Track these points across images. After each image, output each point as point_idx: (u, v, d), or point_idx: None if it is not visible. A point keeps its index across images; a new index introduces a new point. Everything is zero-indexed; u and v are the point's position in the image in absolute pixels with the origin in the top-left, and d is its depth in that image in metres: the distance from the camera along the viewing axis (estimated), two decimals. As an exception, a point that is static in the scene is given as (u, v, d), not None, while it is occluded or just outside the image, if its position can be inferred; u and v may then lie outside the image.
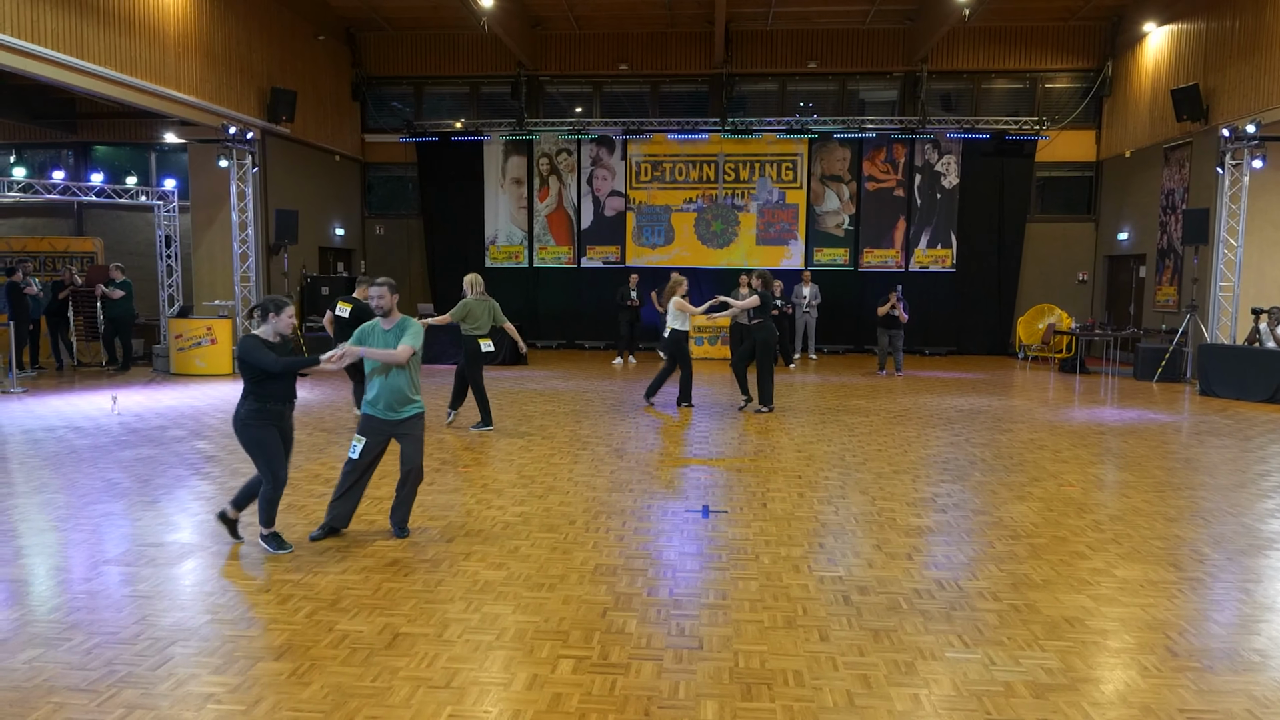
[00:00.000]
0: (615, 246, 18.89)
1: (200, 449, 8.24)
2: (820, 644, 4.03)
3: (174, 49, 13.02)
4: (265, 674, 3.69)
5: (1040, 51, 17.98)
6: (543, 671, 3.73)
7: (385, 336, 5.48)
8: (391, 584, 4.73)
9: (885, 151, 18.25)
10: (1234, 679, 3.74)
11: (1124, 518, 6.19)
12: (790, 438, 9.03)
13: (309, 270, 17.00)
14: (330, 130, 18.02)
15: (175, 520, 5.93)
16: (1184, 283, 14.85)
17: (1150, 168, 16.18)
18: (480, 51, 18.58)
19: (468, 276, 9.48)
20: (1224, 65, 13.96)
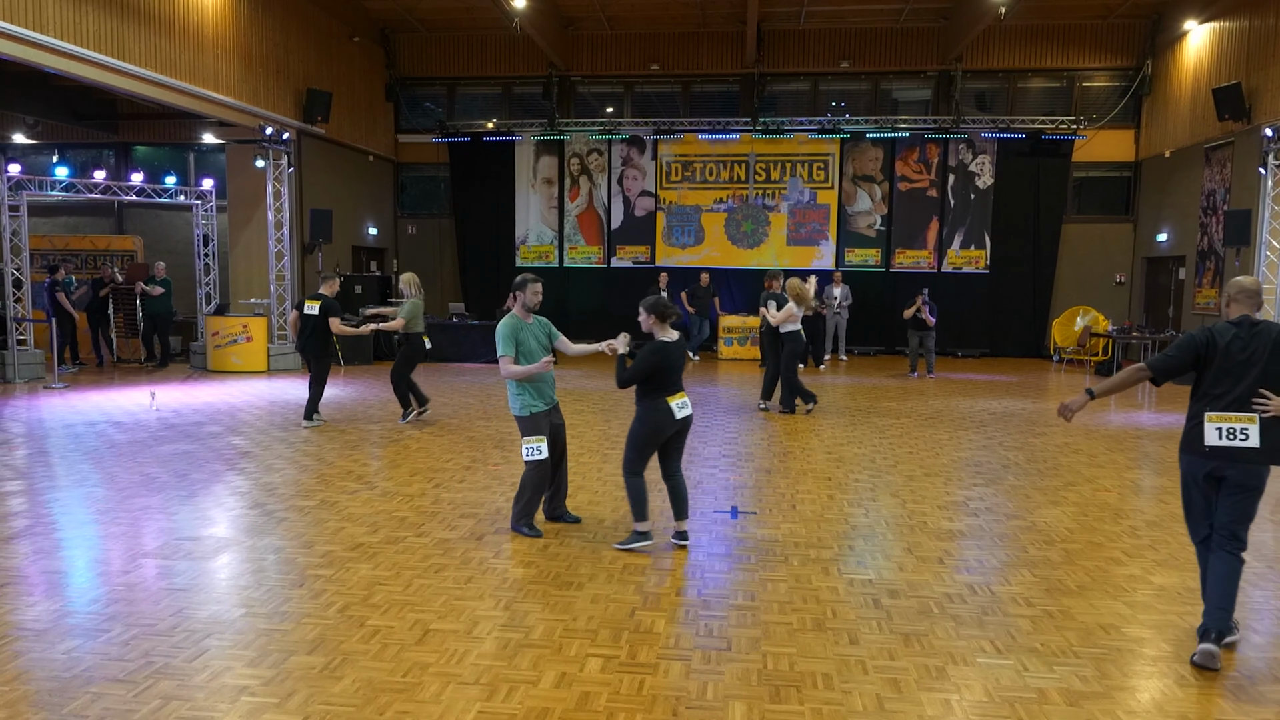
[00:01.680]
0: (645, 246, 18.89)
1: (236, 445, 8.37)
2: (850, 647, 4.01)
3: (213, 51, 13.23)
4: (298, 668, 3.74)
5: (1078, 50, 17.70)
6: (571, 670, 3.75)
7: (534, 329, 5.63)
8: (422, 581, 4.77)
9: (918, 151, 18.07)
10: (1272, 689, 3.66)
11: (1161, 524, 6.09)
12: (820, 439, 8.97)
13: (342, 269, 17.18)
14: (364, 131, 18.21)
15: (211, 514, 6.03)
16: (1225, 285, 14.54)
17: (1191, 168, 15.87)
18: (512, 52, 18.68)
19: (405, 276, 9.69)
20: (1267, 64, 13.65)
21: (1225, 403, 3.89)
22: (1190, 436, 4.01)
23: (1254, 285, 4.05)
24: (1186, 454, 4.04)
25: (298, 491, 6.64)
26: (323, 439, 8.72)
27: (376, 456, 8.00)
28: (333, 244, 16.22)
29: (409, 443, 8.58)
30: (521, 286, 5.60)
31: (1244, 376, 3.88)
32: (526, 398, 5.50)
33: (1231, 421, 3.87)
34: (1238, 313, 4.03)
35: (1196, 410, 4.00)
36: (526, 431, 5.53)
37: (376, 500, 6.42)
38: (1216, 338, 3.96)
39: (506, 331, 5.49)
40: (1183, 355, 4.02)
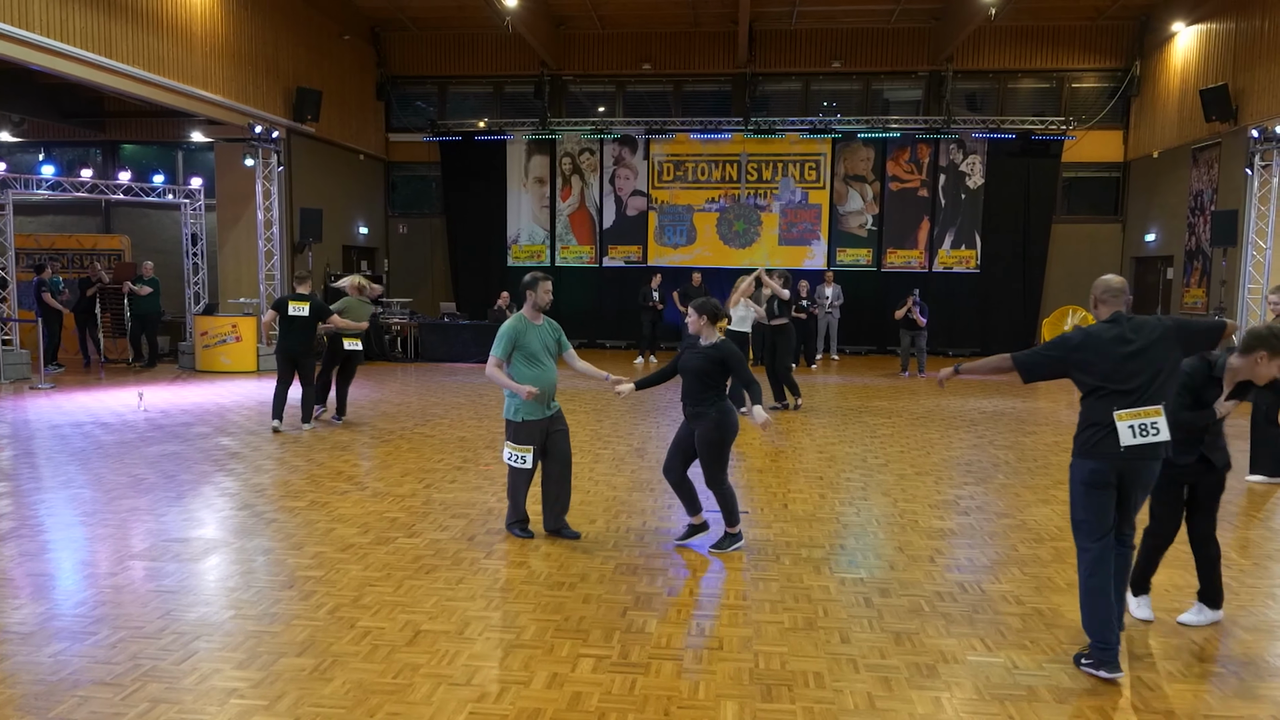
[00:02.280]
0: (637, 246, 18.89)
1: (224, 445, 8.33)
2: (841, 646, 4.01)
3: (201, 48, 13.16)
4: (288, 669, 3.72)
5: (1067, 51, 17.78)
6: (563, 670, 3.74)
7: (543, 332, 5.45)
8: (413, 581, 4.75)
9: (909, 151, 18.12)
10: (1259, 685, 3.68)
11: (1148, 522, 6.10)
12: (812, 439, 8.99)
13: (333, 268, 17.12)
14: (355, 129, 18.15)
15: (200, 516, 6.00)
16: (1212, 285, 14.64)
17: (1178, 168, 15.96)
18: (504, 51, 18.64)
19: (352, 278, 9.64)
20: (1253, 65, 13.74)
21: (1132, 399, 3.73)
22: (1097, 440, 3.78)
23: (1120, 284, 3.95)
24: (1093, 459, 3.79)
25: (287, 492, 6.62)
26: (313, 439, 8.69)
27: (367, 457, 7.97)
28: (323, 243, 16.16)
29: (399, 443, 8.55)
30: (533, 285, 5.37)
31: (1140, 370, 3.75)
32: (520, 401, 5.30)
33: (1142, 417, 3.72)
34: (1109, 312, 3.91)
35: (1099, 412, 3.78)
36: (514, 438, 5.34)
37: (367, 501, 6.40)
38: (1092, 338, 3.82)
39: (507, 333, 5.30)
40: (1052, 355, 3.88)
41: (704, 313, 5.17)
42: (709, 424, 5.12)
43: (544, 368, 5.35)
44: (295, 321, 8.99)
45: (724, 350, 5.11)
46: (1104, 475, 3.78)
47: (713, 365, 5.11)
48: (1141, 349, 3.79)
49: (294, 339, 9.06)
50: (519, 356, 5.32)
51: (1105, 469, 3.77)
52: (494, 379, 5.32)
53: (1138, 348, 3.78)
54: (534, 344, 5.33)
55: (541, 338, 5.39)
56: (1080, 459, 3.85)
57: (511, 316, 5.45)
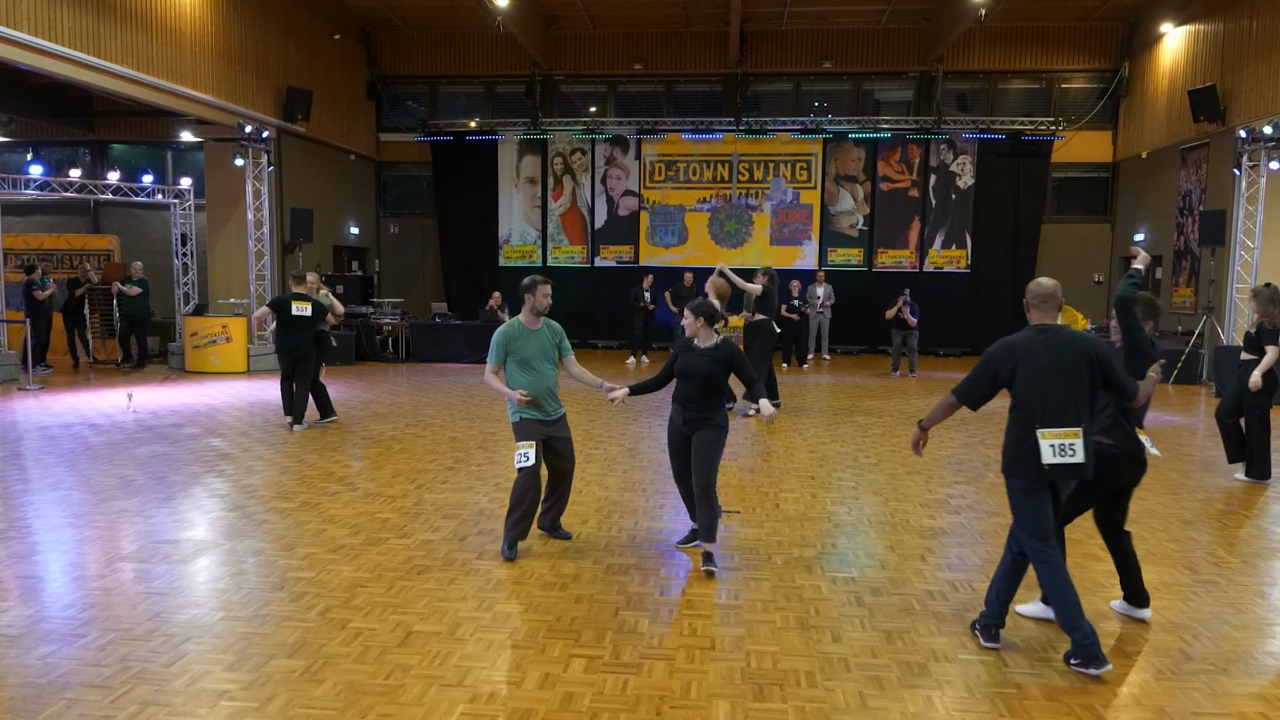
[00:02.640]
0: (629, 246, 18.89)
1: (215, 446, 8.30)
2: (833, 645, 4.02)
3: (190, 48, 13.11)
4: (278, 671, 3.71)
5: (1056, 52, 17.86)
6: (554, 670, 3.74)
7: (542, 336, 5.25)
8: (404, 582, 4.74)
9: (900, 152, 18.17)
10: (1248, 682, 3.71)
11: (1139, 520, 6.14)
12: (803, 438, 9.00)
13: (324, 269, 17.07)
14: (345, 129, 18.10)
15: (190, 517, 5.97)
16: (1200, 284, 14.72)
17: (1167, 169, 16.05)
18: (495, 51, 18.62)
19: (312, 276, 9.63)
20: (1241, 66, 13.83)
21: (1053, 416, 3.74)
22: (1023, 456, 3.80)
23: (1053, 288, 3.91)
24: (1018, 476, 3.84)
25: (278, 493, 6.59)
26: (304, 440, 8.66)
27: (358, 458, 7.95)
28: (313, 243, 16.11)
29: (391, 444, 8.53)
30: (531, 289, 5.18)
31: (1063, 388, 3.75)
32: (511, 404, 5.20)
33: (1061, 438, 3.72)
34: (1039, 319, 3.90)
35: (1023, 429, 3.81)
36: (516, 437, 5.20)
37: (358, 502, 6.38)
38: (1018, 350, 3.82)
39: (499, 340, 5.15)
40: (981, 377, 3.87)
41: (700, 315, 5.01)
42: (715, 429, 4.94)
43: (538, 374, 5.16)
44: (298, 321, 9.04)
45: (728, 350, 4.99)
46: (1032, 485, 3.84)
47: (719, 367, 4.93)
48: (1064, 367, 3.78)
49: (298, 339, 9.09)
50: (513, 362, 5.17)
51: (1030, 481, 3.84)
52: (490, 385, 5.23)
53: (1062, 364, 3.78)
54: (528, 349, 5.15)
55: (539, 343, 5.20)
56: (1009, 475, 3.92)
57: (506, 322, 5.31)
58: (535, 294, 5.19)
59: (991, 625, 4.03)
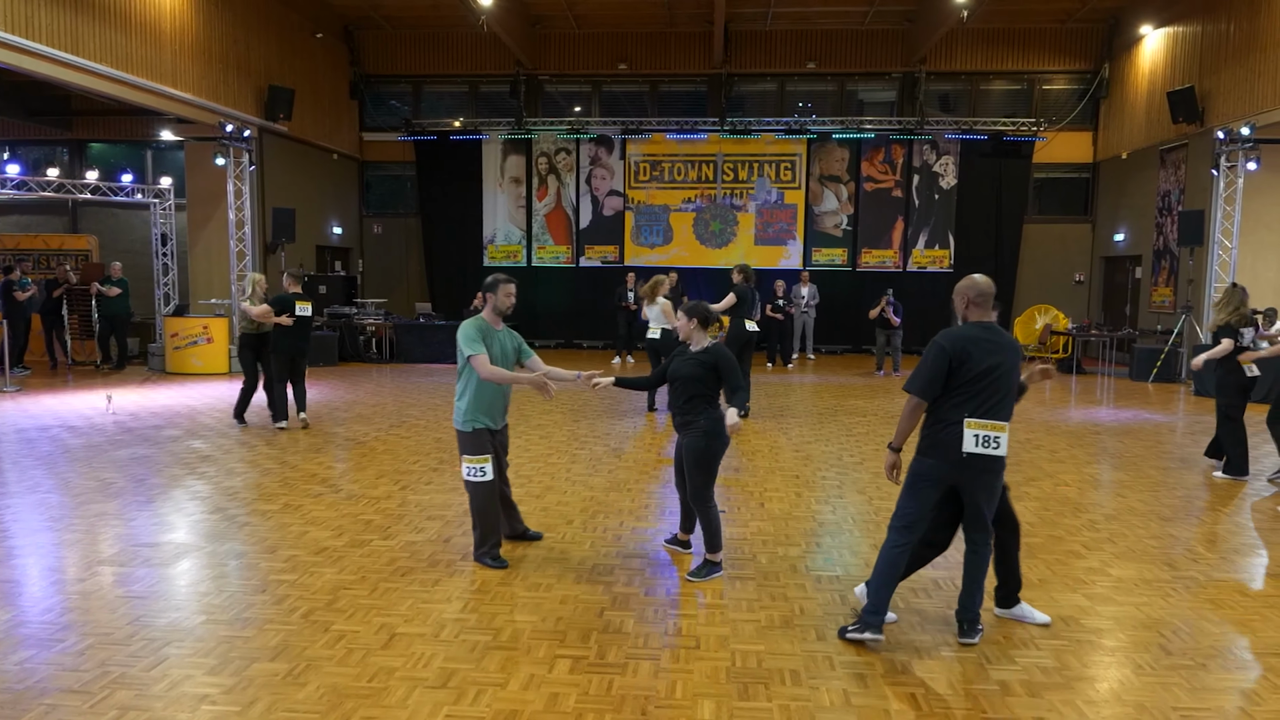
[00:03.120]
0: (614, 246, 18.88)
1: (196, 448, 8.23)
2: (817, 643, 4.04)
3: (170, 46, 12.99)
4: (260, 675, 3.68)
5: (1038, 53, 17.99)
6: (539, 671, 3.73)
7: (503, 338, 5.10)
8: (388, 584, 4.72)
9: (883, 152, 18.25)
10: (1227, 678, 3.75)
11: (1119, 517, 6.21)
12: (788, 438, 9.03)
13: (306, 269, 16.97)
14: (328, 128, 17.99)
15: (170, 520, 5.92)
16: (1179, 284, 14.88)
17: (1146, 169, 16.20)
18: (479, 50, 18.57)
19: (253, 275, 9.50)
20: (1219, 68, 13.98)
21: (985, 410, 3.84)
22: (940, 440, 3.89)
23: (989, 286, 3.99)
24: (931, 459, 3.92)
25: (260, 495, 6.55)
26: (286, 442, 8.60)
27: (341, 459, 7.90)
28: (296, 243, 16.00)
29: (374, 445, 8.49)
30: (493, 287, 5.02)
31: (998, 385, 3.86)
32: (474, 410, 4.94)
33: (988, 429, 3.83)
34: (978, 317, 3.96)
35: (950, 414, 3.88)
36: (468, 449, 4.92)
37: (341, 504, 6.35)
38: (967, 344, 3.87)
39: (471, 332, 4.89)
40: (938, 366, 3.88)
41: (693, 316, 4.89)
42: (697, 434, 4.81)
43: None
44: (299, 321, 9.05)
45: (716, 355, 4.83)
46: (935, 474, 3.93)
47: (705, 371, 4.80)
48: (1001, 364, 3.89)
49: (297, 338, 9.09)
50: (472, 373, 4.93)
51: (936, 469, 3.91)
52: (499, 377, 4.85)
53: (999, 362, 3.88)
54: (495, 349, 4.96)
55: (502, 345, 5.04)
56: (922, 456, 3.97)
57: (470, 319, 5.02)
58: (498, 293, 5.02)
59: (966, 620, 4.05)
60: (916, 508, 4.02)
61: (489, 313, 5.08)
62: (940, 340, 3.94)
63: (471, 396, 4.95)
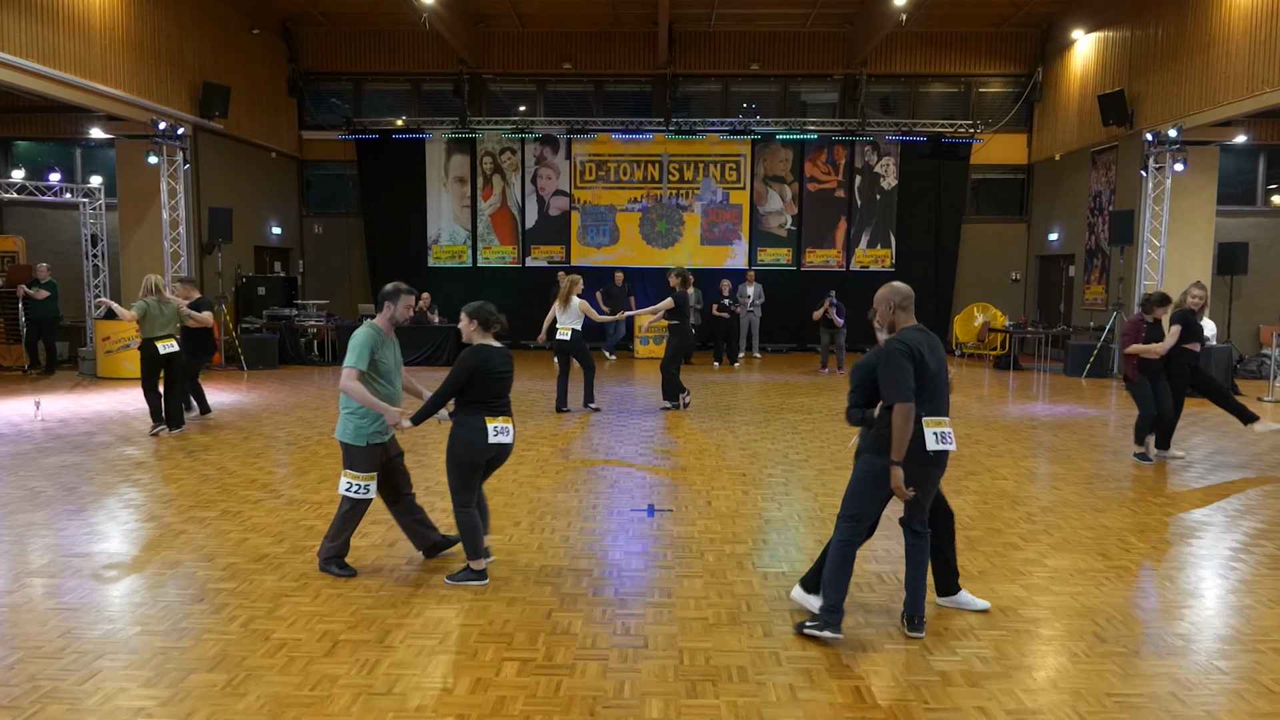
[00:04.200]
0: (560, 246, 18.81)
1: (129, 455, 7.98)
2: (764, 639, 4.07)
3: (100, 41, 12.58)
4: (198, 686, 3.58)
5: (974, 57, 18.42)
6: (486, 675, 3.70)
7: (393, 346, 4.96)
8: (331, 590, 4.64)
9: (826, 153, 18.51)
10: (1159, 663, 3.88)
11: (1055, 509, 6.39)
12: (735, 436, 9.10)
13: (244, 270, 16.58)
14: (266, 126, 17.59)
15: (103, 529, 5.73)
16: (1111, 282, 15.36)
17: (1079, 170, 16.70)
18: (421, 48, 18.34)
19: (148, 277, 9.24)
20: (1147, 72, 14.48)
21: (937, 408, 4.04)
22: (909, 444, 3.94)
23: (911, 290, 4.25)
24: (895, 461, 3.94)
25: (197, 502, 6.38)
26: (223, 446, 8.39)
27: (282, 464, 7.74)
28: (233, 244, 15.62)
29: (316, 449, 8.33)
30: (394, 297, 4.81)
31: (940, 382, 4.08)
32: (366, 422, 4.75)
33: (943, 426, 4.05)
34: (906, 321, 4.16)
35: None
36: (357, 464, 4.75)
37: (282, 509, 6.22)
38: (921, 347, 4.02)
39: (362, 341, 4.69)
40: (904, 371, 3.94)
41: (475, 318, 4.75)
42: (452, 436, 4.72)
43: (394, 389, 4.88)
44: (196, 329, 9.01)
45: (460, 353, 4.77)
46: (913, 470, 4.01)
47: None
48: (941, 364, 4.11)
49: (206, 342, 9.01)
50: (371, 373, 4.75)
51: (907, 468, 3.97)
52: (354, 394, 4.63)
53: (938, 362, 4.10)
54: (388, 359, 4.82)
55: (394, 354, 4.91)
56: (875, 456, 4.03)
57: (365, 326, 4.81)
58: (398, 303, 4.84)
59: (917, 615, 4.13)
60: (875, 505, 4.16)
61: (385, 321, 4.86)
62: (895, 346, 4.00)
63: (363, 409, 4.74)
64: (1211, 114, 12.86)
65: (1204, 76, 12.96)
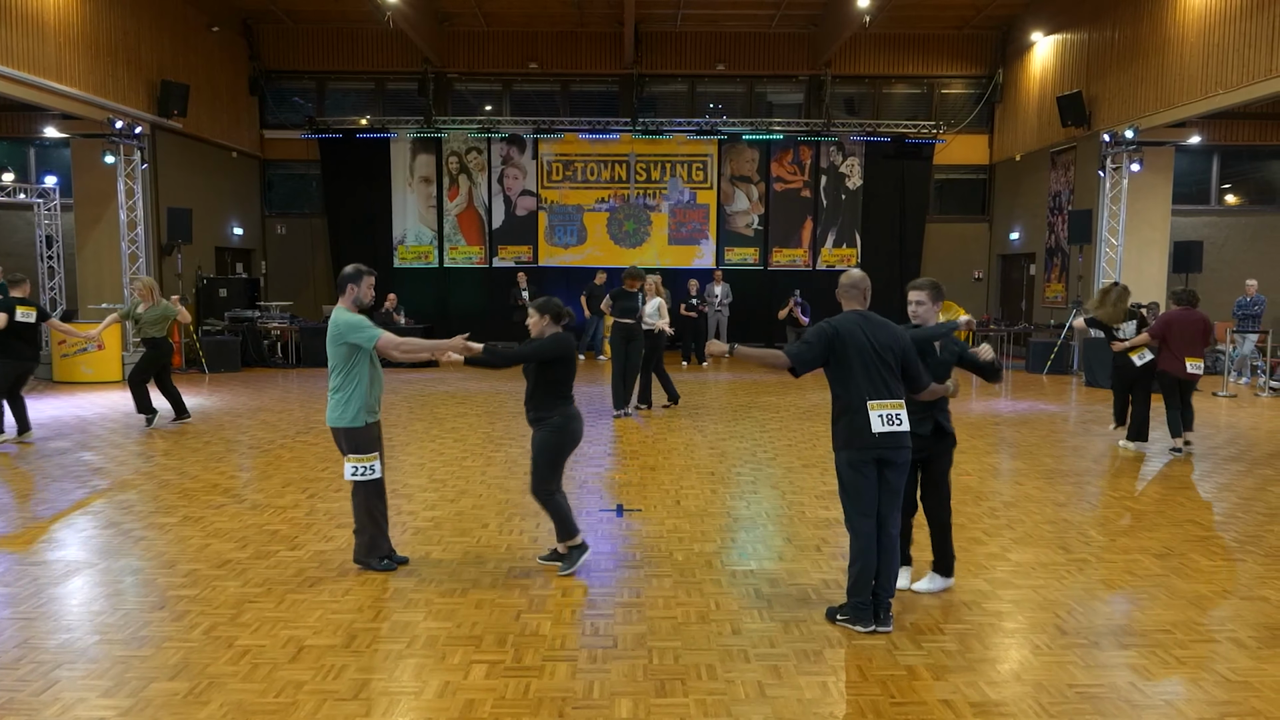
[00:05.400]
0: (527, 246, 18.74)
1: (87, 461, 7.82)
2: (732, 637, 4.09)
3: (55, 38, 12.31)
4: (159, 694, 3.52)
5: (936, 58, 18.65)
6: (455, 678, 3.68)
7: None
8: (296, 595, 4.58)
9: (792, 153, 18.63)
10: (1118, 654, 3.95)
11: (1017, 504, 6.49)
12: (703, 435, 9.13)
13: (205, 271, 16.31)
14: (226, 125, 17.32)
15: (59, 537, 5.61)
16: (1070, 280, 15.64)
17: (1038, 170, 16.98)
18: (385, 46, 18.17)
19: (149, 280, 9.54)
20: (1105, 74, 14.76)
21: (882, 391, 4.13)
22: (852, 430, 4.12)
23: (861, 278, 4.34)
24: (850, 449, 4.13)
25: (157, 508, 6.26)
26: (184, 451, 8.25)
27: (245, 468, 7.63)
28: (193, 245, 15.36)
29: (280, 452, 8.22)
30: (356, 279, 4.83)
31: (885, 366, 4.15)
32: (359, 406, 4.75)
33: (889, 408, 4.13)
34: (851, 306, 4.30)
35: (853, 402, 4.11)
36: (359, 446, 4.76)
37: (245, 514, 6.13)
38: (843, 331, 4.15)
39: (355, 319, 4.74)
40: (816, 347, 4.14)
41: (546, 311, 4.92)
42: (545, 430, 4.87)
43: (379, 370, 4.93)
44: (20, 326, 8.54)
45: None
46: (858, 461, 4.14)
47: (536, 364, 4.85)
48: (885, 345, 4.16)
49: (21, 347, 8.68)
50: (364, 356, 4.78)
51: (858, 456, 4.13)
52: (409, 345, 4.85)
53: (884, 345, 4.16)
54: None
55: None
56: (840, 449, 4.20)
57: (342, 310, 4.81)
58: (361, 285, 4.86)
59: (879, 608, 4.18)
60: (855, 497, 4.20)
61: (349, 303, 4.86)
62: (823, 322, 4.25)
63: (363, 390, 4.78)
64: (1167, 115, 13.15)
65: (1159, 78, 13.24)
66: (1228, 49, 11.78)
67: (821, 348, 4.14)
